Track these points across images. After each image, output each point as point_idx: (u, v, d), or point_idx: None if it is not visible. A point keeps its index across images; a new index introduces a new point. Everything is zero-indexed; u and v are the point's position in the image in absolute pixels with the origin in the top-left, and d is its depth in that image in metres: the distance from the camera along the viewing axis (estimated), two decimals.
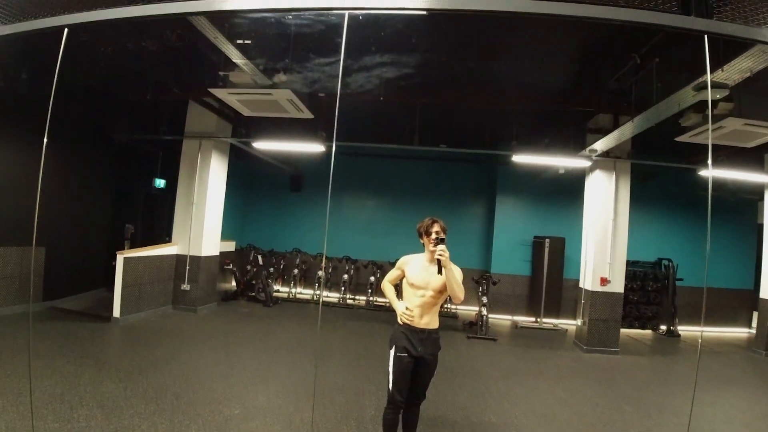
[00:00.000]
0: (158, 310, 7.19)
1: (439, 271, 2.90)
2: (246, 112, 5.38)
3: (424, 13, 2.22)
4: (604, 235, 7.32)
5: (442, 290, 3.04)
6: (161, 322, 6.77)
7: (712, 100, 4.69)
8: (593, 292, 7.27)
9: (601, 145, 6.69)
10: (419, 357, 3.11)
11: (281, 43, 4.64)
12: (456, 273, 2.95)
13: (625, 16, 2.22)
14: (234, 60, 4.31)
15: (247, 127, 7.33)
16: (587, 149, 6.94)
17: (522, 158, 7.21)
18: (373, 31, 4.49)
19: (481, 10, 2.22)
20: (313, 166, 10.41)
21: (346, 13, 2.32)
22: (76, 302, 7.33)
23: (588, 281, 7.40)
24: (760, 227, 9.36)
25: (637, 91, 5.58)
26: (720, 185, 8.92)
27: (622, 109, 6.41)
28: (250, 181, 10.91)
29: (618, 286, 7.32)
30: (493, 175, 10.02)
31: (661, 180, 8.99)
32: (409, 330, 3.10)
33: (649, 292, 9.19)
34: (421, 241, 3.13)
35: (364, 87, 6.16)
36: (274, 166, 10.00)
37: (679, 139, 5.86)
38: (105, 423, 3.47)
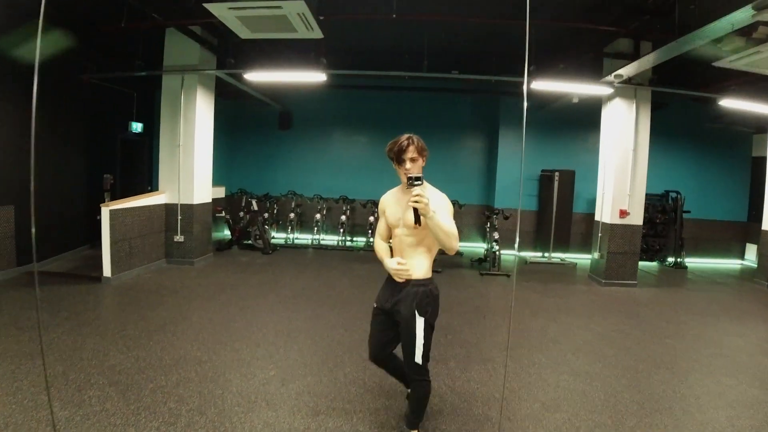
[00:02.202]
0: (152, 265, 6.59)
1: (417, 222, 2.20)
2: (245, 33, 4.59)
3: None
4: (623, 166, 6.94)
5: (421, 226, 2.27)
6: (158, 278, 6.19)
7: (753, 24, 4.25)
8: (612, 225, 7.00)
9: (627, 70, 6.19)
10: (390, 312, 2.49)
11: None
12: (443, 218, 2.18)
13: None
14: None
15: (234, 56, 6.49)
16: (612, 74, 6.43)
17: (540, 85, 6.64)
18: None
19: None
20: (302, 102, 9.62)
21: None
22: (58, 264, 6.64)
23: (606, 214, 7.11)
24: (754, 160, 9.37)
25: (680, 11, 5.05)
26: (716, 116, 8.76)
27: (658, 31, 5.84)
28: (236, 121, 10.04)
29: (637, 218, 7.06)
30: (495, 106, 9.43)
31: (669, 110, 8.60)
32: (388, 278, 2.52)
33: (657, 225, 9.02)
34: (395, 167, 2.39)
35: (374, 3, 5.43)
36: (260, 103, 9.17)
37: (718, 64, 5.38)
38: (123, 403, 2.96)
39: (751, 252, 9.41)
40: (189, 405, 2.97)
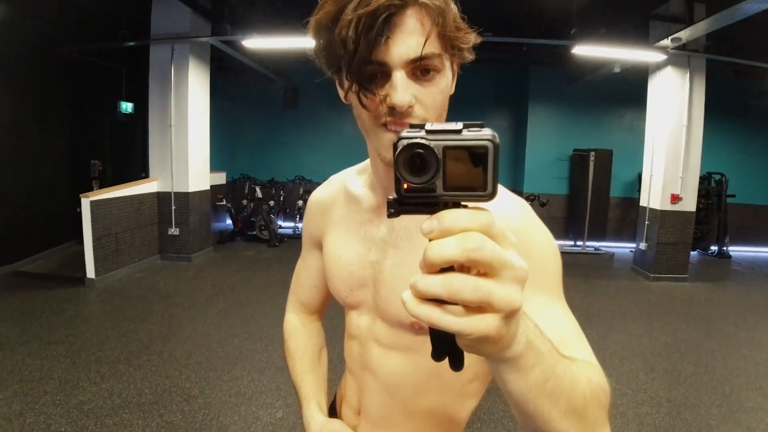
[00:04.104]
0: (143, 262, 5.84)
1: (454, 361, 0.39)
2: None
3: None
4: (675, 144, 6.08)
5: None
6: (149, 278, 5.45)
7: None
8: (662, 212, 6.16)
9: (686, 33, 5.32)
10: None
11: None
12: (571, 341, 0.61)
13: None
14: None
15: (231, 22, 5.65)
16: (669, 38, 5.53)
17: (583, 50, 5.76)
18: None
19: None
20: (310, 76, 8.71)
21: None
22: (39, 263, 5.88)
23: (655, 199, 6.27)
24: None
25: None
26: (765, 92, 7.84)
27: None
28: (236, 100, 9.17)
29: (690, 203, 6.22)
30: (524, 78, 8.52)
31: (714, 85, 7.63)
32: None
33: (699, 210, 8.15)
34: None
35: None
36: (263, 79, 8.32)
37: None
38: None
39: None
40: None
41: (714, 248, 8.17)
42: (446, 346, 0.38)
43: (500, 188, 0.67)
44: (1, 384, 2.92)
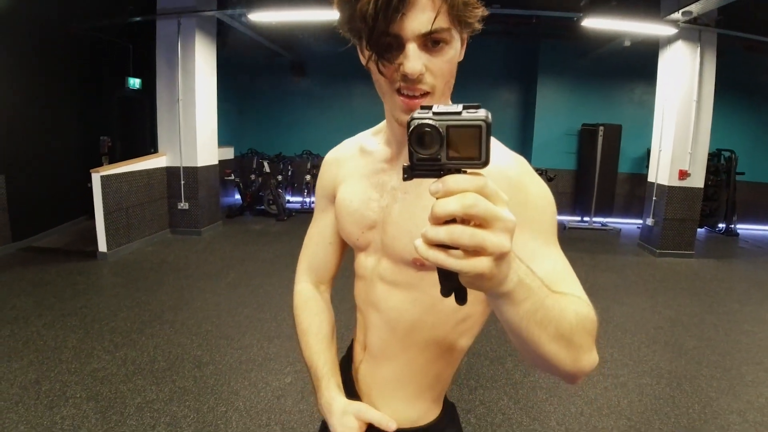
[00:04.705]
0: (154, 236, 5.94)
1: (459, 296, 0.49)
2: None
3: None
4: (684, 120, 6.00)
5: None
6: (160, 252, 5.55)
7: None
8: (669, 188, 6.13)
9: (697, 7, 5.19)
10: None
11: None
12: (560, 273, 0.69)
13: None
14: None
15: None
16: (680, 11, 5.41)
17: (593, 22, 5.66)
18: None
19: None
20: (317, 50, 8.61)
21: None
22: (52, 238, 5.98)
23: (663, 175, 6.22)
24: None
25: None
26: None
27: None
28: (243, 74, 9.13)
29: (698, 180, 6.17)
30: (534, 52, 8.39)
31: (727, 59, 7.45)
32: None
33: (708, 187, 8.08)
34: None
35: None
36: (270, 53, 8.26)
37: None
38: (101, 427, 2.34)
39: None
40: (183, 431, 2.33)
41: (722, 226, 8.11)
42: (452, 284, 0.47)
43: (501, 146, 0.77)
44: (17, 354, 3.02)
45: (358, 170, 0.90)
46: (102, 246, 5.10)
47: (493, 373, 3.03)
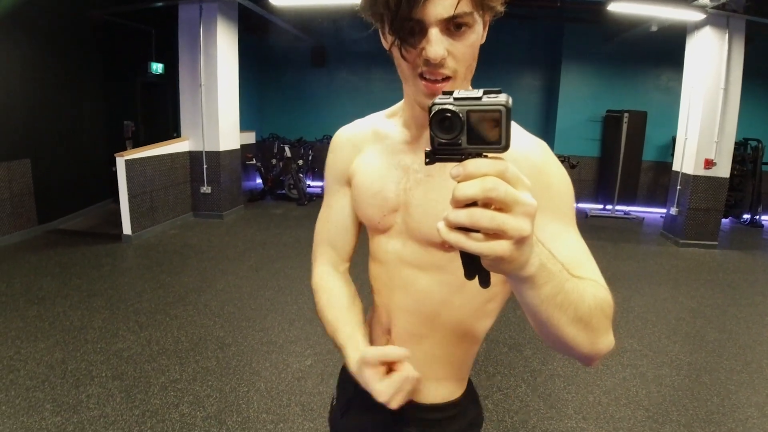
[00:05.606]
0: (177, 219, 6.06)
1: (483, 280, 0.49)
2: None
3: None
4: (711, 108, 5.85)
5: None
6: (183, 235, 5.66)
7: None
8: (694, 177, 6.00)
9: None
10: None
11: None
12: (581, 262, 0.69)
13: None
14: None
15: None
16: None
17: (620, 6, 5.52)
18: None
19: None
20: (338, 34, 8.58)
21: None
22: (78, 221, 6.15)
23: (688, 164, 6.09)
24: None
25: None
26: None
27: None
28: (264, 59, 9.17)
29: (724, 169, 6.03)
30: (558, 37, 8.22)
31: (756, 47, 7.16)
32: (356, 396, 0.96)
33: (733, 177, 7.88)
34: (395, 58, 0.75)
35: None
36: (291, 38, 8.25)
37: None
38: (126, 406, 2.44)
39: None
40: (206, 410, 2.40)
41: (746, 216, 7.93)
42: (475, 267, 0.48)
43: (522, 130, 0.79)
44: (43, 334, 3.12)
45: (375, 152, 0.89)
46: (126, 229, 5.22)
47: (511, 360, 3.05)
